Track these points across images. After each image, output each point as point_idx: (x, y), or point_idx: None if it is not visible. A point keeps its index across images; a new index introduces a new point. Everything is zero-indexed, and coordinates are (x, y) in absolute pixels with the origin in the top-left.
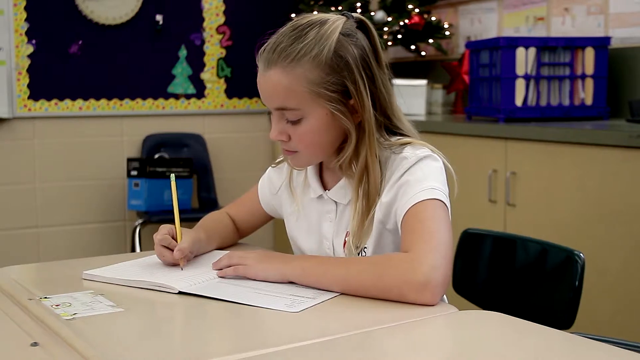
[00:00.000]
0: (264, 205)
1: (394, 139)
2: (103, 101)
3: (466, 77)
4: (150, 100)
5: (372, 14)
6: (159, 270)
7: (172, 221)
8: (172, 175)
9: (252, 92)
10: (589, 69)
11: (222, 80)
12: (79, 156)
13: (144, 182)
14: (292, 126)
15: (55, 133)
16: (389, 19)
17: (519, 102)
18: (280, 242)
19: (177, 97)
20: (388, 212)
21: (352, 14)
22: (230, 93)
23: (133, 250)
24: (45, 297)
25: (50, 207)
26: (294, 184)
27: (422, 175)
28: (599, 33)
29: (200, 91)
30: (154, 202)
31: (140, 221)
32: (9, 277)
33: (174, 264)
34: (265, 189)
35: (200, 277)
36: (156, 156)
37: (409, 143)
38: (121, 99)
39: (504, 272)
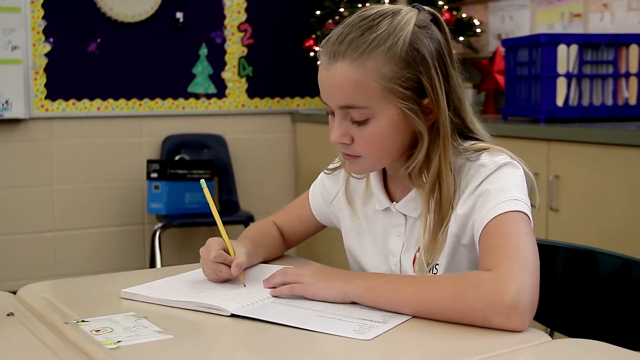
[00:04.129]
0: (317, 214)
1: (467, 144)
2: (122, 101)
3: (498, 76)
4: (170, 100)
5: None
6: (205, 288)
7: (191, 225)
8: (203, 181)
9: (274, 91)
10: (634, 67)
11: (244, 80)
12: (97, 158)
13: (164, 184)
14: (356, 127)
15: (73, 134)
16: None
17: (560, 102)
18: (307, 251)
19: (197, 96)
20: (464, 225)
21: (424, 6)
22: (251, 93)
23: (152, 253)
24: (83, 321)
25: (68, 210)
26: (352, 192)
27: (503, 185)
28: None
29: (221, 91)
30: (175, 205)
31: (160, 225)
32: (38, 295)
33: (226, 280)
34: (318, 195)
35: (252, 296)
36: (176, 158)
37: (485, 149)
38: (140, 98)
39: (577, 289)
